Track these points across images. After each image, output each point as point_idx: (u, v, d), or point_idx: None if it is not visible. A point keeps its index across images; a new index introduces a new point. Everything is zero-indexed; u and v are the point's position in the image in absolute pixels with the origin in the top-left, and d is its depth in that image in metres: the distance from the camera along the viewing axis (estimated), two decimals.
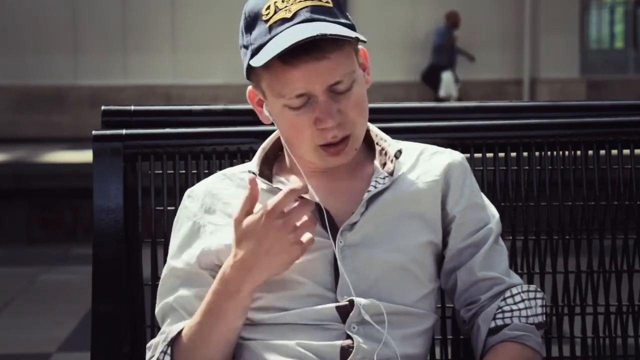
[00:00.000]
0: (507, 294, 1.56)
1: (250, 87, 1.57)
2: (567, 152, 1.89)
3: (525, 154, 1.89)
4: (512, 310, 1.55)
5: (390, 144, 1.60)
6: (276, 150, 1.64)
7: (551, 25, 12.04)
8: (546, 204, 1.88)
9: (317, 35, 1.43)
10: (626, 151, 1.91)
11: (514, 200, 1.88)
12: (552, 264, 1.88)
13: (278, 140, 1.64)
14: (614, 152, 1.91)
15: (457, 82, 11.75)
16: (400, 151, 1.59)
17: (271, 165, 1.62)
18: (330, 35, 1.44)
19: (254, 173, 1.59)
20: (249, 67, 1.52)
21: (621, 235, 1.89)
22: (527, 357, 1.52)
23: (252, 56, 1.50)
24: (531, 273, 1.88)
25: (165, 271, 1.62)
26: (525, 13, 12.17)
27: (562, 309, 1.89)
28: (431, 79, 11.75)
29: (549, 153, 1.89)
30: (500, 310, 1.55)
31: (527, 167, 1.89)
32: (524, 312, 1.55)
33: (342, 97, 1.50)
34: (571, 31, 12.26)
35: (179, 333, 1.53)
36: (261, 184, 1.57)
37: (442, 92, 11.57)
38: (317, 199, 1.54)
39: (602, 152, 1.91)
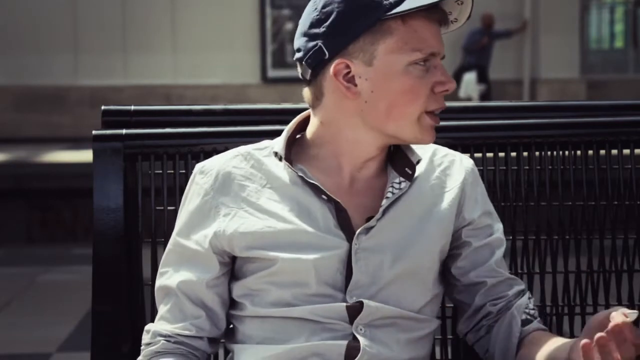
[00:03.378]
0: (528, 294, 1.63)
1: (337, 61, 1.52)
2: (567, 152, 1.90)
3: (525, 154, 1.89)
4: (535, 309, 1.62)
5: (412, 151, 1.60)
6: (295, 134, 1.61)
7: (551, 25, 12.04)
8: (546, 204, 1.89)
9: None
10: (626, 151, 1.91)
11: (514, 200, 1.88)
12: (552, 264, 1.88)
13: (300, 123, 1.62)
14: (614, 152, 1.91)
15: (486, 83, 11.67)
16: (419, 161, 1.60)
17: (290, 149, 1.59)
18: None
19: (276, 153, 1.58)
20: (368, 25, 1.50)
21: (621, 235, 1.89)
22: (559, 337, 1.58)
23: (389, 9, 1.49)
24: (531, 273, 1.88)
25: (170, 246, 1.60)
26: (525, 13, 12.17)
27: (562, 309, 1.90)
28: (458, 79, 11.73)
29: (549, 153, 1.89)
30: (527, 307, 1.60)
31: (527, 167, 1.89)
32: (537, 315, 1.62)
33: None
34: (571, 31, 12.25)
35: None
36: (281, 169, 1.57)
37: (461, 93, 11.53)
38: (336, 197, 1.53)
39: (602, 152, 1.91)
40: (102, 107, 1.89)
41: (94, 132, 1.84)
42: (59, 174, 7.60)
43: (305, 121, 1.62)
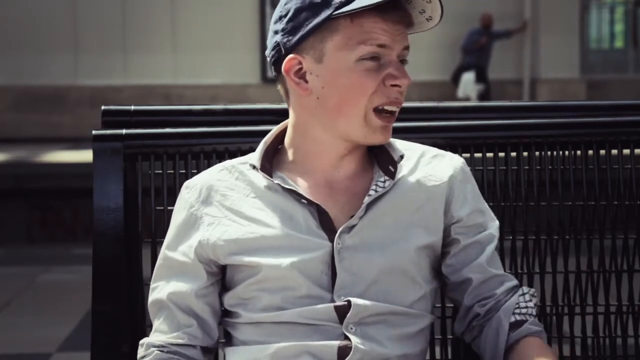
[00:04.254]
0: (520, 292, 1.59)
1: (290, 56, 1.54)
2: (567, 152, 1.90)
3: (525, 154, 1.89)
4: (527, 307, 1.57)
5: (394, 148, 1.61)
6: (276, 145, 1.63)
7: (551, 25, 12.04)
8: (546, 204, 1.89)
9: None
10: (626, 151, 1.91)
11: (514, 200, 1.88)
12: (552, 264, 1.88)
13: (280, 133, 1.64)
14: (614, 152, 1.91)
15: (485, 83, 11.66)
16: (402, 156, 1.60)
17: (271, 159, 1.62)
18: None
19: (254, 166, 1.59)
20: (318, 23, 1.51)
21: (621, 235, 1.89)
22: (548, 350, 1.54)
23: (338, 8, 1.49)
24: (531, 273, 1.88)
25: (159, 260, 1.62)
26: (525, 13, 12.17)
27: (562, 309, 1.89)
28: (457, 80, 11.73)
29: (549, 153, 1.89)
30: (517, 306, 1.57)
31: (527, 167, 1.89)
32: (534, 311, 1.58)
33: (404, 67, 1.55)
34: (571, 31, 12.26)
35: None
36: (262, 179, 1.58)
37: (460, 93, 11.53)
38: (316, 200, 1.54)
39: (602, 152, 1.91)
40: (102, 107, 1.89)
41: (94, 132, 1.84)
42: (59, 174, 7.60)
43: (285, 131, 1.64)
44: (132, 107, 1.89)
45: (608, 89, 12.03)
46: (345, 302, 1.50)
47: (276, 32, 1.56)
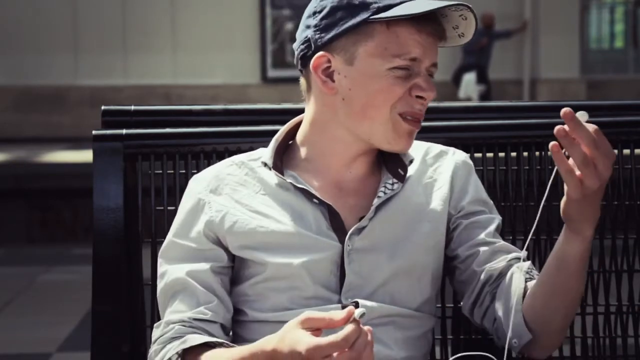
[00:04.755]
0: (529, 263, 1.57)
1: (320, 53, 1.53)
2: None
3: (525, 154, 1.89)
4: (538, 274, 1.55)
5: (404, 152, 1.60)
6: (286, 141, 1.63)
7: (551, 25, 12.04)
8: (546, 204, 1.88)
9: (463, 6, 1.49)
10: (626, 151, 1.91)
11: (514, 200, 1.88)
12: None
13: (291, 130, 1.63)
14: (614, 152, 1.90)
15: (486, 83, 11.66)
16: (412, 161, 1.60)
17: (281, 156, 1.61)
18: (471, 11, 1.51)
19: (265, 164, 1.59)
20: (354, 25, 1.51)
21: (621, 235, 1.89)
22: None
23: (376, 13, 1.49)
24: None
25: (165, 249, 1.59)
26: (525, 13, 12.17)
27: None
28: (458, 80, 11.74)
29: (549, 153, 1.89)
30: (529, 268, 1.55)
31: (527, 167, 1.89)
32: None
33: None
34: (571, 31, 12.26)
35: (198, 349, 1.46)
36: (273, 176, 1.58)
37: (461, 93, 11.53)
38: (327, 200, 1.54)
39: None
40: (102, 107, 1.89)
41: (94, 132, 1.84)
42: (59, 174, 7.60)
43: (296, 128, 1.63)
44: (132, 107, 1.89)
45: (608, 89, 12.03)
46: (353, 304, 1.50)
47: (308, 27, 1.55)
